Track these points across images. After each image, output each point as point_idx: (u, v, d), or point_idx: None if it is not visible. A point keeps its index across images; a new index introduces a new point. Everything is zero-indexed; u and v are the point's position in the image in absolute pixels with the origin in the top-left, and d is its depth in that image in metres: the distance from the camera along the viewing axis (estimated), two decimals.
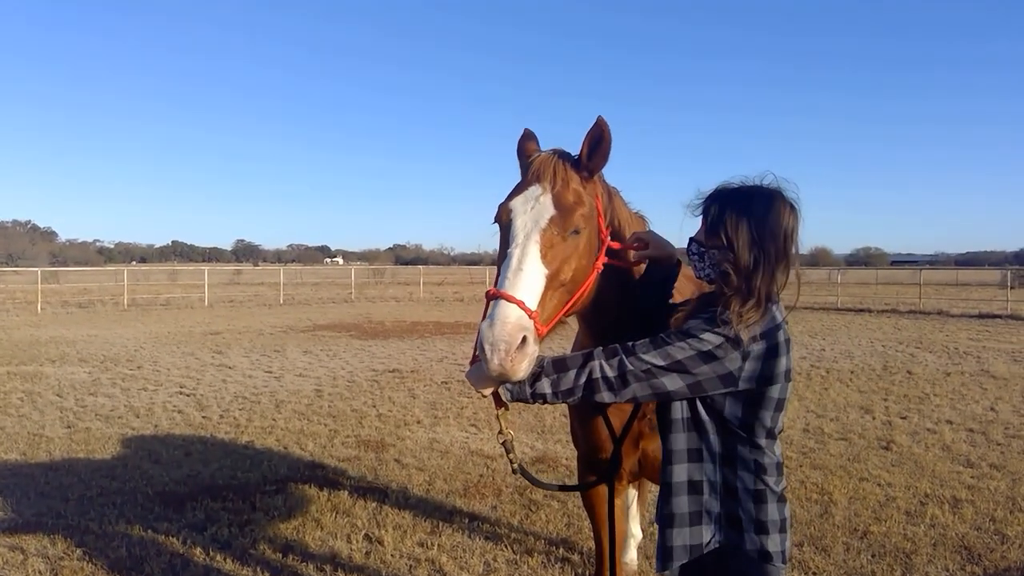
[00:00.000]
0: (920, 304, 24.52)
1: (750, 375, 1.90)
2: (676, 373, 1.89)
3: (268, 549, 4.44)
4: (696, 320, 1.94)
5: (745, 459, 1.96)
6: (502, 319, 1.88)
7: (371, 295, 33.68)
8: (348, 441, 7.10)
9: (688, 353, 1.88)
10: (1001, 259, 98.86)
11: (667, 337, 1.92)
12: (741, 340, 1.87)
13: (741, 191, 2.02)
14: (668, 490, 2.02)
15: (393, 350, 14.14)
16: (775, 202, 1.98)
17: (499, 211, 2.17)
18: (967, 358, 12.76)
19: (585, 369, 1.91)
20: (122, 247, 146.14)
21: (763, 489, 1.96)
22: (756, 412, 1.94)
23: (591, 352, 1.94)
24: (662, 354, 1.89)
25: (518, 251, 2.02)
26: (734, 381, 1.90)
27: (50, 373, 11.04)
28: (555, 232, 2.06)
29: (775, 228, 1.95)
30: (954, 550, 4.42)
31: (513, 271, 1.98)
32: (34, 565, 4.19)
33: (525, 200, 2.12)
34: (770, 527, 1.95)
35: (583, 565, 4.23)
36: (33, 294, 25.73)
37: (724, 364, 1.88)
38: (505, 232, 2.12)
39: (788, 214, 1.97)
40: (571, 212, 2.10)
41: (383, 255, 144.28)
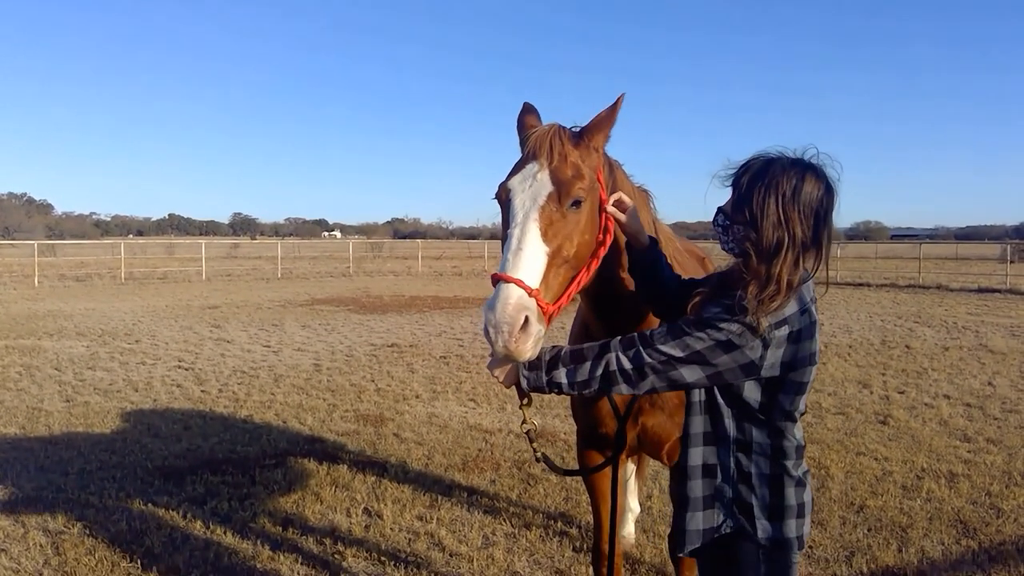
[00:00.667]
0: (919, 278, 24.51)
1: (773, 362, 1.83)
2: (695, 364, 1.82)
3: (268, 523, 4.46)
4: (715, 307, 1.85)
5: (761, 443, 1.92)
6: (503, 301, 1.86)
7: (369, 269, 33.63)
8: (347, 415, 7.11)
9: (707, 343, 1.80)
10: (1001, 233, 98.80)
11: (685, 326, 1.84)
12: (760, 328, 1.78)
13: (774, 163, 1.89)
14: (684, 473, 1.99)
15: (391, 324, 14.13)
16: (808, 179, 1.85)
17: (498, 191, 2.15)
18: (966, 332, 12.78)
19: (602, 361, 1.86)
20: (119, 220, 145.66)
21: (780, 474, 1.92)
22: (777, 396, 1.89)
23: (608, 343, 1.89)
24: (680, 345, 1.82)
25: (517, 231, 1.99)
26: (756, 370, 1.83)
27: (48, 347, 11.03)
28: (554, 208, 2.03)
29: (805, 208, 1.83)
30: (950, 524, 4.45)
31: (513, 252, 1.96)
32: (34, 539, 4.21)
33: (523, 178, 2.09)
34: (786, 512, 1.91)
35: (581, 539, 4.26)
36: (30, 267, 25.67)
37: (745, 353, 1.80)
38: (505, 211, 2.10)
39: (822, 193, 1.85)
40: (570, 187, 2.05)
41: (381, 229, 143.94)
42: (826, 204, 1.86)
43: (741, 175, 1.92)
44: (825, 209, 1.86)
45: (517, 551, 4.09)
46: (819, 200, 1.85)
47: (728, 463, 1.94)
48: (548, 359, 1.91)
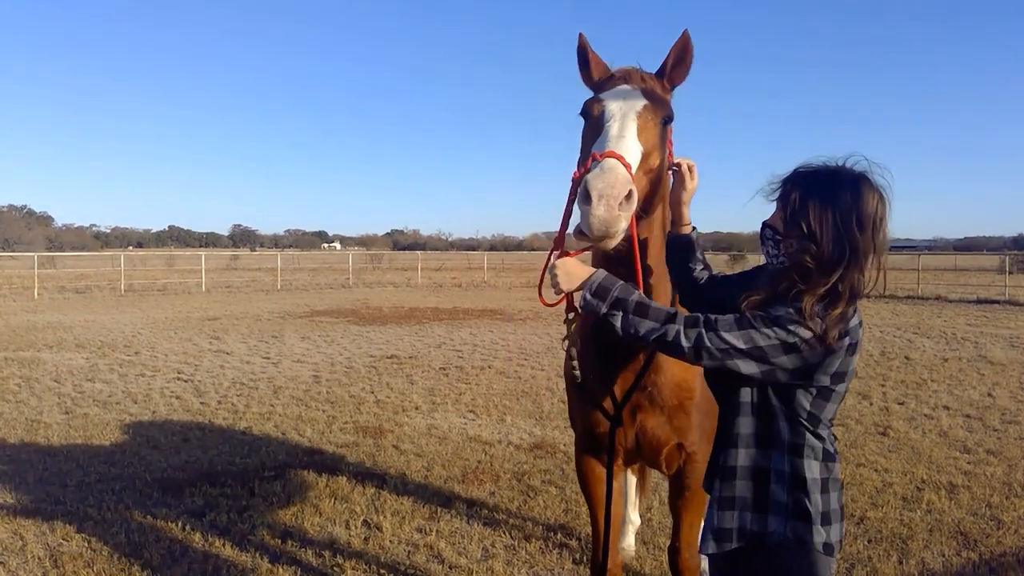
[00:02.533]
0: (918, 289, 24.54)
1: (828, 372, 1.85)
2: (754, 359, 1.82)
3: (267, 535, 4.45)
4: (784, 309, 1.83)
5: (814, 448, 1.90)
6: (611, 171, 1.91)
7: (369, 280, 33.63)
8: (346, 427, 7.11)
9: (772, 342, 1.80)
10: (999, 244, 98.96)
11: (754, 320, 1.83)
12: (829, 339, 1.80)
13: (824, 175, 1.89)
14: (731, 473, 1.96)
15: (391, 336, 14.13)
16: (863, 189, 1.85)
17: (588, 103, 2.25)
18: (965, 343, 12.79)
19: (663, 328, 1.86)
20: (119, 232, 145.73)
21: (828, 478, 1.91)
22: (823, 405, 1.90)
23: (675, 314, 1.87)
24: (744, 337, 1.81)
25: (616, 124, 2.08)
26: (809, 376, 1.84)
27: (47, 359, 11.03)
28: (648, 117, 2.16)
29: (863, 218, 1.83)
30: (950, 536, 4.44)
31: (615, 138, 2.04)
32: (33, 551, 4.19)
33: (616, 93, 2.20)
34: (833, 517, 1.90)
35: (581, 551, 4.25)
36: (30, 279, 25.67)
37: (805, 358, 1.81)
38: (597, 119, 2.18)
39: (877, 202, 1.85)
40: (661, 103, 2.20)
41: (381, 240, 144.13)
42: (880, 213, 1.86)
43: (790, 190, 1.92)
44: (881, 216, 1.86)
45: (516, 563, 4.08)
46: (875, 209, 1.85)
47: (783, 468, 1.90)
48: (615, 296, 1.90)
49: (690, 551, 2.94)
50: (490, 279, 33.83)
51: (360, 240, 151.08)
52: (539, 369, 10.31)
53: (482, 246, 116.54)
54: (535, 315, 18.21)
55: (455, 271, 42.03)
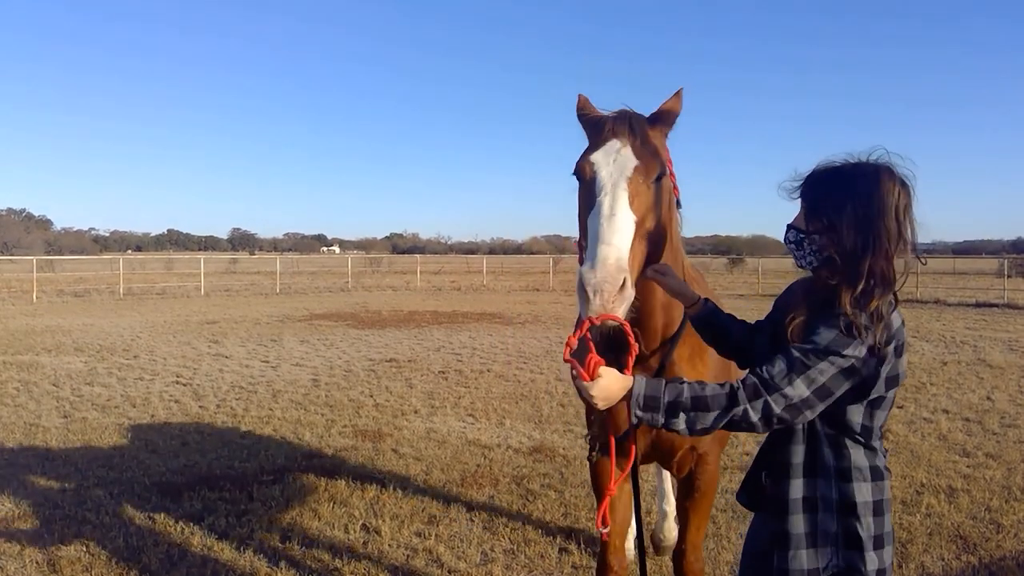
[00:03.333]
0: (917, 293, 24.54)
1: (882, 380, 1.80)
2: (820, 399, 1.76)
3: (265, 539, 4.44)
4: (828, 328, 1.76)
5: (862, 469, 1.84)
6: (603, 261, 1.92)
7: (368, 284, 33.63)
8: (345, 431, 7.10)
9: (832, 372, 1.74)
10: (998, 248, 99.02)
11: (804, 358, 1.74)
12: (876, 346, 1.75)
13: (842, 169, 1.86)
14: (784, 507, 1.89)
15: (390, 339, 14.13)
16: (881, 178, 1.80)
17: (580, 165, 2.23)
18: (964, 347, 12.79)
19: (728, 413, 1.76)
20: (118, 235, 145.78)
21: (881, 499, 1.85)
22: (876, 414, 1.86)
23: (734, 392, 1.76)
24: (805, 381, 1.74)
25: (608, 199, 2.07)
26: (868, 391, 1.80)
27: (46, 363, 11.01)
28: (640, 180, 2.13)
29: (882, 206, 1.78)
30: (950, 539, 4.44)
31: (606, 218, 2.03)
32: (31, 555, 4.18)
33: (606, 153, 2.18)
34: (886, 540, 1.85)
35: (580, 555, 4.24)
36: (28, 283, 25.65)
37: (862, 375, 1.77)
38: (589, 185, 2.18)
39: (897, 190, 1.79)
40: (653, 160, 2.17)
41: (380, 244, 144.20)
42: (903, 201, 1.81)
43: (810, 186, 1.90)
44: (903, 204, 1.80)
45: (516, 567, 4.08)
46: (896, 197, 1.80)
47: (830, 494, 1.84)
48: (667, 402, 1.77)
49: (695, 554, 2.98)
50: (489, 282, 33.83)
51: (359, 243, 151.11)
52: (538, 373, 10.30)
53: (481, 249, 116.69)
54: (534, 318, 18.21)
55: (454, 274, 42.05)
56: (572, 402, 8.20)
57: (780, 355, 1.78)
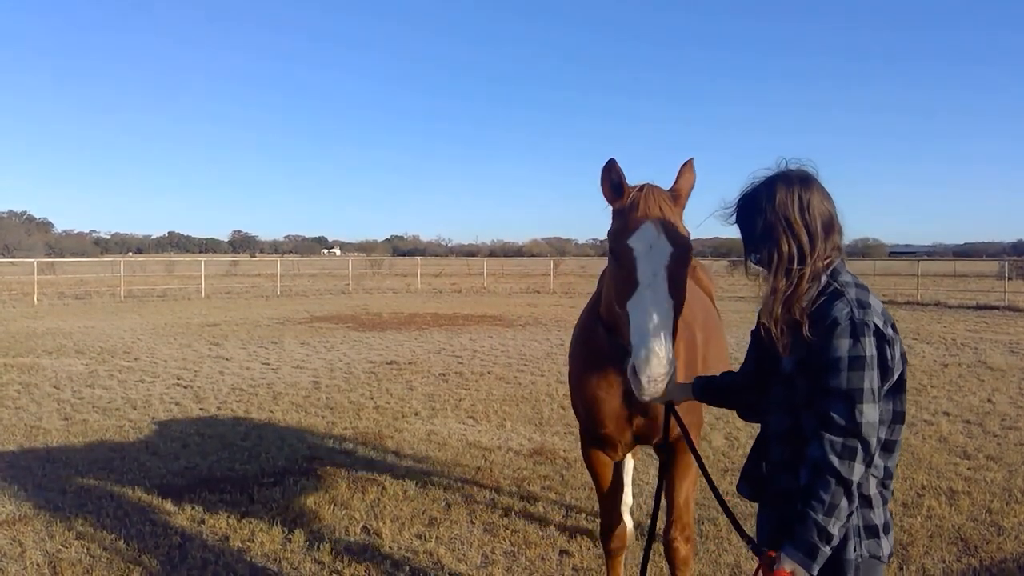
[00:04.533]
0: (918, 295, 24.53)
1: (899, 359, 1.89)
2: (875, 404, 1.82)
3: (266, 541, 4.44)
4: (832, 339, 1.83)
5: (876, 465, 1.92)
6: (657, 357, 2.21)
7: (368, 286, 33.64)
8: (346, 433, 7.10)
9: (869, 376, 1.81)
10: (999, 250, 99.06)
11: (846, 382, 1.80)
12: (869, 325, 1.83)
13: (751, 193, 2.03)
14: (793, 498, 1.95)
15: (391, 342, 14.13)
16: (776, 188, 1.96)
17: (617, 244, 2.47)
18: (964, 349, 12.79)
19: (852, 493, 1.81)
20: (118, 238, 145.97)
21: (882, 492, 1.95)
22: (901, 397, 1.93)
23: (839, 475, 1.79)
24: (862, 397, 1.79)
25: (650, 293, 2.33)
26: (890, 373, 1.87)
27: (47, 365, 11.02)
28: (675, 268, 2.40)
29: (781, 212, 1.93)
30: (950, 541, 4.44)
31: (651, 313, 2.29)
32: (32, 557, 4.19)
33: (643, 241, 2.42)
34: (890, 526, 1.96)
35: (581, 556, 4.24)
36: (29, 285, 25.68)
37: (884, 362, 1.85)
38: (626, 267, 2.42)
39: (794, 193, 1.93)
40: (684, 247, 2.44)
41: (380, 246, 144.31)
42: (800, 200, 1.93)
43: (737, 215, 2.07)
44: (803, 203, 1.93)
45: (516, 569, 4.08)
46: (793, 199, 1.93)
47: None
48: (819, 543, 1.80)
49: (685, 531, 3.17)
50: (490, 285, 33.84)
51: (360, 246, 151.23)
52: (539, 375, 10.31)
53: (481, 251, 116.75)
54: (534, 321, 18.21)
55: (455, 277, 42.07)
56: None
57: (827, 398, 1.83)
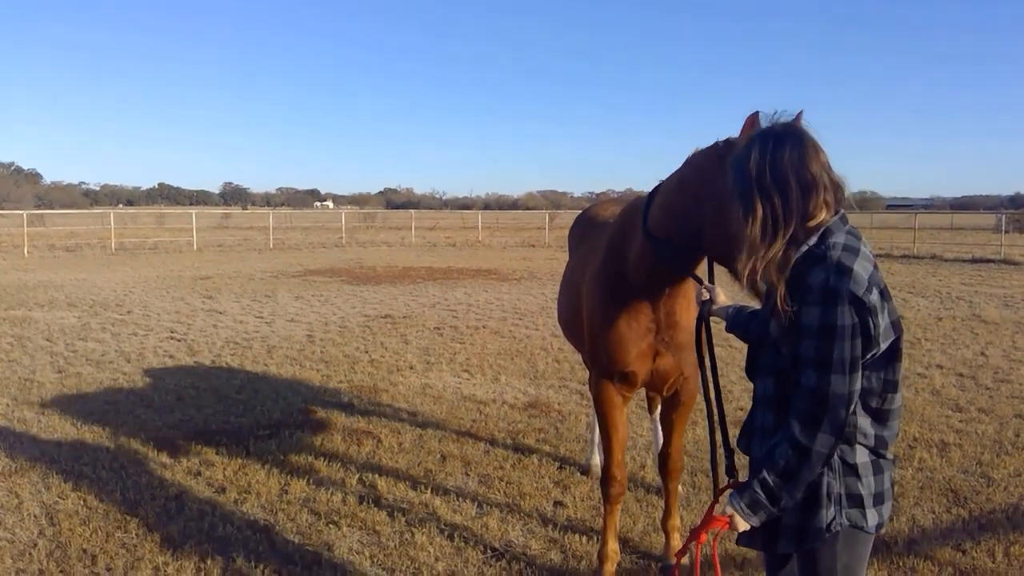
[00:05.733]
0: (914, 248, 24.55)
1: (886, 327, 1.80)
2: (855, 373, 1.75)
3: (263, 493, 4.46)
4: (804, 306, 1.77)
5: (866, 433, 1.86)
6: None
7: (362, 240, 33.45)
8: (341, 387, 7.11)
9: (840, 346, 1.73)
10: (996, 203, 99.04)
11: (815, 351, 1.75)
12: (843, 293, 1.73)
13: (735, 156, 1.95)
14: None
15: (385, 295, 14.10)
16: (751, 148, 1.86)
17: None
18: (959, 303, 12.83)
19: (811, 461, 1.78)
20: (108, 189, 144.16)
21: (877, 460, 1.88)
22: (895, 366, 1.85)
23: (797, 442, 1.78)
24: (831, 368, 1.74)
25: None
26: (875, 343, 1.78)
27: (39, 318, 10.97)
28: None
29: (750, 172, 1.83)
30: (941, 493, 4.49)
31: None
32: (29, 509, 4.20)
33: None
34: (885, 496, 1.90)
35: (575, 508, 4.28)
36: (19, 238, 25.43)
37: (864, 330, 1.75)
38: None
39: (761, 153, 1.82)
40: None
41: (374, 199, 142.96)
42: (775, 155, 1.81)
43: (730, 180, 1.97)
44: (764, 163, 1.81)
45: (511, 521, 4.11)
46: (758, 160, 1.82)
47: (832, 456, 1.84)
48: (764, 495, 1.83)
49: (678, 454, 3.64)
50: (484, 238, 33.68)
51: (353, 199, 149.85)
52: (533, 329, 10.31)
53: (476, 205, 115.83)
54: (529, 275, 18.18)
55: (449, 230, 41.87)
56: (567, 358, 8.22)
57: (798, 365, 1.80)
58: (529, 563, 3.62)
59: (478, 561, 3.66)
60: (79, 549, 3.74)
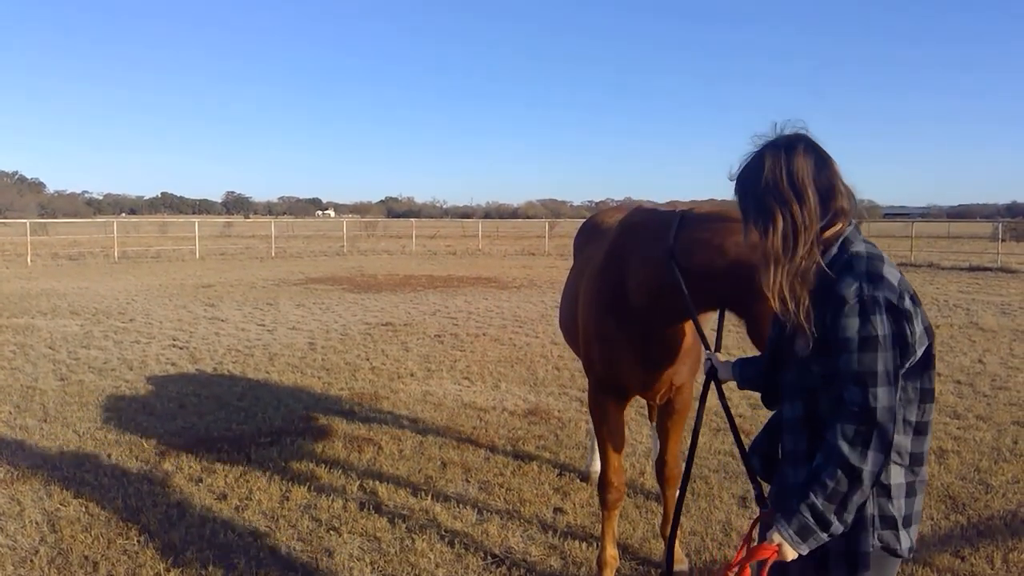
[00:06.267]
0: (911, 256, 24.57)
1: (921, 333, 1.74)
2: (890, 386, 1.68)
3: (263, 499, 4.48)
4: (841, 318, 1.69)
5: (901, 452, 1.78)
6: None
7: (363, 248, 33.51)
8: (342, 394, 7.13)
9: (883, 357, 1.67)
10: (993, 212, 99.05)
11: (857, 364, 1.68)
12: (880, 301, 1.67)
13: (743, 168, 1.89)
14: None
15: (386, 303, 14.13)
16: (763, 158, 1.81)
17: None
18: (957, 310, 12.86)
19: (862, 482, 1.69)
20: (111, 198, 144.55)
21: (913, 481, 1.80)
22: (930, 374, 1.79)
23: (847, 462, 1.68)
24: (872, 380, 1.67)
25: None
26: (911, 351, 1.72)
27: (42, 326, 11.00)
28: None
29: (768, 184, 1.77)
30: (939, 499, 4.51)
31: None
32: (31, 516, 4.22)
33: None
34: (915, 518, 1.81)
35: (575, 514, 4.30)
36: (23, 246, 25.51)
37: (902, 339, 1.69)
38: None
39: (780, 162, 1.77)
40: None
41: (375, 208, 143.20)
42: (790, 163, 1.77)
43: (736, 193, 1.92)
44: (790, 172, 1.77)
45: (511, 527, 4.13)
46: (780, 169, 1.77)
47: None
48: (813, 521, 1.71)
49: (674, 460, 3.65)
50: (485, 247, 33.74)
51: (354, 207, 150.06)
52: (533, 336, 10.34)
53: (476, 213, 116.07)
54: (529, 283, 18.21)
55: (450, 239, 41.94)
56: (567, 365, 8.25)
57: (839, 381, 1.72)
58: (529, 569, 3.65)
59: (478, 567, 3.68)
60: (81, 556, 3.76)
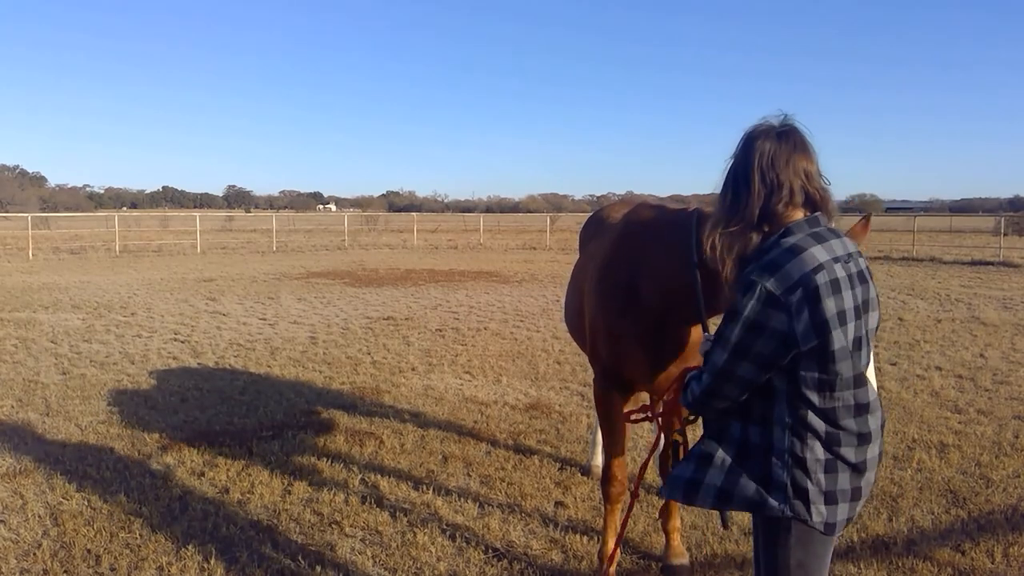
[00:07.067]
0: (913, 251, 24.54)
1: (805, 330, 1.81)
2: (742, 360, 1.88)
3: (265, 493, 4.49)
4: (736, 293, 1.91)
5: (816, 429, 1.90)
6: None
7: (364, 242, 33.51)
8: (343, 388, 7.14)
9: (733, 328, 1.88)
10: (995, 206, 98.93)
11: (720, 326, 1.94)
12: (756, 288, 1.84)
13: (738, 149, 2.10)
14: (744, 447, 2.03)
15: (387, 297, 14.14)
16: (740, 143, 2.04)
17: None
18: (958, 305, 12.85)
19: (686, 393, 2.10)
20: (112, 192, 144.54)
21: (833, 459, 1.92)
22: (830, 367, 1.85)
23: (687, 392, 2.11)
24: (722, 344, 1.91)
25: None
26: (795, 342, 1.82)
27: (44, 320, 11.02)
28: None
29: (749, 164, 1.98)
30: (940, 494, 4.51)
31: None
32: (33, 510, 4.24)
33: None
34: (839, 497, 1.93)
35: (575, 508, 4.31)
36: (24, 240, 25.54)
37: (773, 326, 1.83)
38: None
39: (767, 146, 1.96)
40: None
41: (376, 202, 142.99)
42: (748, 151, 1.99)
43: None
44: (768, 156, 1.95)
45: (513, 521, 4.14)
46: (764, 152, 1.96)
47: (783, 447, 1.91)
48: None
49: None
50: (486, 241, 33.73)
51: (355, 202, 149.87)
52: (535, 331, 10.34)
53: (478, 207, 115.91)
54: (531, 277, 18.21)
55: (451, 233, 41.89)
56: (568, 360, 8.25)
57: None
58: (530, 563, 3.66)
59: (479, 561, 3.69)
60: (83, 549, 3.77)
